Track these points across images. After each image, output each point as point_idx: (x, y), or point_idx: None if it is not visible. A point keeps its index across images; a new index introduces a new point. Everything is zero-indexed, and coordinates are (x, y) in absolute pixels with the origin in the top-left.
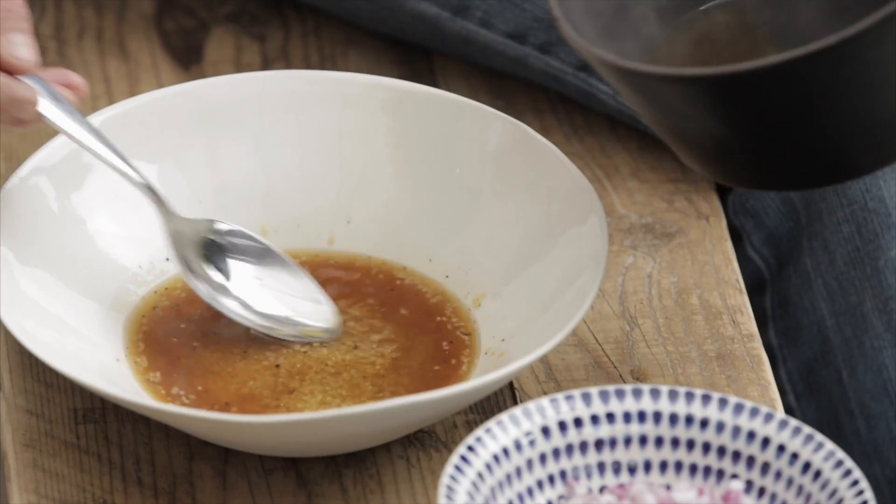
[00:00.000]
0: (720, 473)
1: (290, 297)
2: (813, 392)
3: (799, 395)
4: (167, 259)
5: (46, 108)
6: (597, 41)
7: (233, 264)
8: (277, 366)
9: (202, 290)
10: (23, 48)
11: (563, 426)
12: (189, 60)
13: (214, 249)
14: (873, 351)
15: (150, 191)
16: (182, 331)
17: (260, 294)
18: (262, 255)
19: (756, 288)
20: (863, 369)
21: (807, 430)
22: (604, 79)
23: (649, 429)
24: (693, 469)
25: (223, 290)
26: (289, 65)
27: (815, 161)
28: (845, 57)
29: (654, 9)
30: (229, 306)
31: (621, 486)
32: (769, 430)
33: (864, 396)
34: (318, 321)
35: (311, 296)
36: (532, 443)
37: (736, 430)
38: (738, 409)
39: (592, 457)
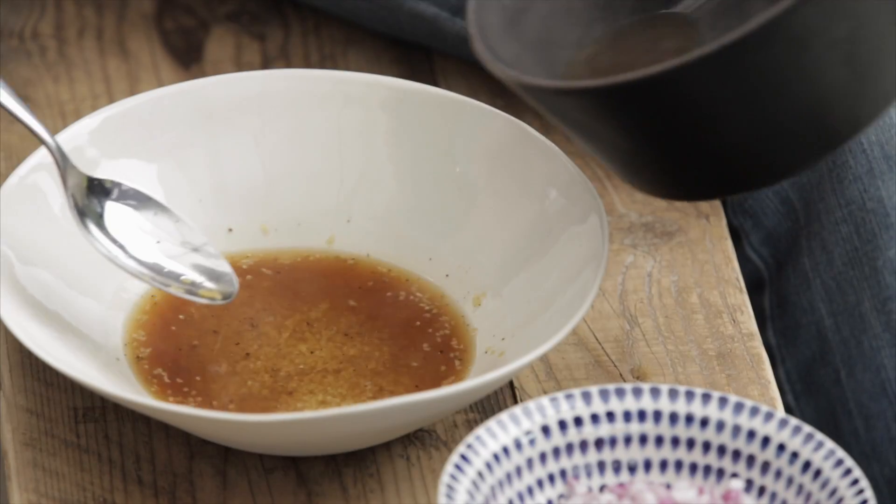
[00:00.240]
0: (720, 472)
1: (190, 256)
2: (811, 392)
3: (797, 394)
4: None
5: None
6: (517, 60)
7: (126, 218)
8: (277, 365)
9: (103, 251)
10: None
11: (563, 425)
12: (189, 59)
13: (116, 203)
14: (872, 351)
15: (55, 152)
16: (182, 330)
17: (153, 246)
18: (154, 209)
19: (754, 288)
20: (861, 369)
21: (807, 429)
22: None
23: (649, 428)
24: (693, 468)
25: (122, 246)
26: (289, 64)
27: (720, 169)
28: (722, 65)
29: (576, 24)
30: (127, 263)
31: (621, 485)
32: (769, 428)
33: (862, 396)
34: (212, 282)
35: (213, 260)
36: (532, 442)
37: (736, 429)
38: (738, 408)
39: (592, 456)
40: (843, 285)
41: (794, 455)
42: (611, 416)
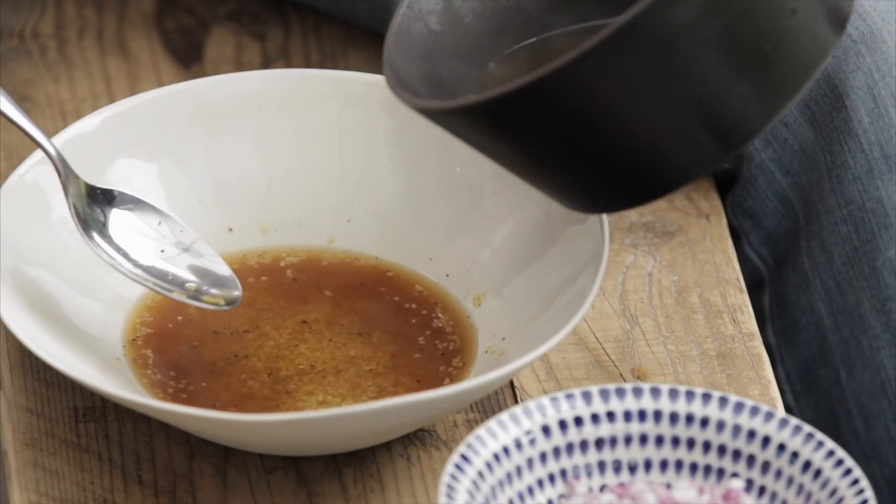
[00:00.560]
0: (720, 472)
1: (194, 263)
2: (811, 392)
3: (797, 394)
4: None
5: None
6: (430, 88)
7: (128, 226)
8: (277, 365)
9: (106, 258)
10: None
11: (563, 425)
12: (189, 59)
13: (104, 205)
14: (871, 351)
15: (59, 162)
16: (182, 330)
17: (157, 255)
18: (156, 216)
19: (754, 288)
20: (861, 369)
21: (807, 428)
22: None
23: (649, 427)
24: (693, 468)
25: (126, 254)
26: (289, 63)
27: (614, 177)
28: (585, 73)
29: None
30: (130, 269)
31: (622, 484)
32: (769, 428)
33: (862, 396)
34: (216, 287)
35: (217, 266)
36: (532, 441)
37: (736, 429)
38: (739, 407)
39: (593, 455)
40: (842, 285)
41: (795, 455)
42: (611, 415)
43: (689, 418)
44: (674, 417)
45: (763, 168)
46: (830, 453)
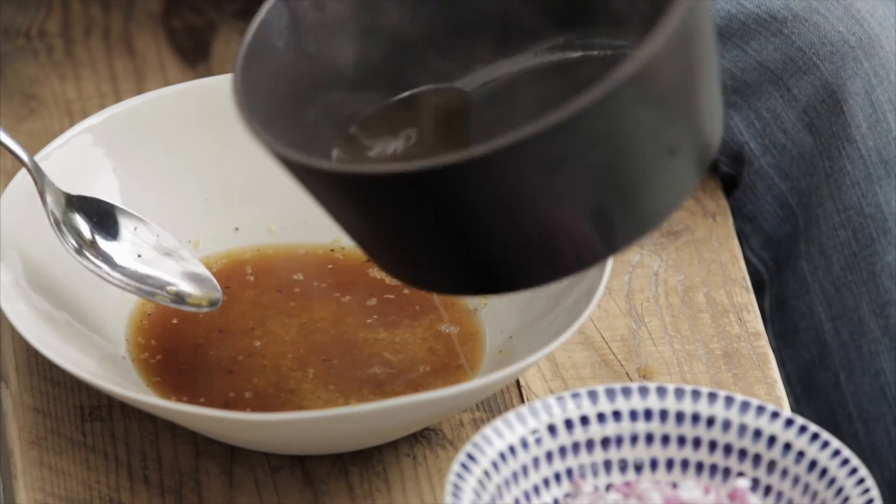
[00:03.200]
0: (726, 471)
1: (173, 265)
2: (811, 395)
3: (797, 397)
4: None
5: None
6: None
7: (107, 232)
8: (284, 364)
9: (88, 266)
10: None
11: (569, 424)
12: (196, 58)
13: (97, 219)
14: (871, 355)
15: (24, 162)
16: (187, 328)
17: (135, 259)
18: (133, 221)
19: (754, 290)
20: (860, 373)
21: (813, 428)
22: None
23: (655, 427)
24: (699, 467)
25: (106, 258)
26: None
27: (459, 270)
28: (471, 175)
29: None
30: (107, 271)
31: (628, 484)
32: (775, 428)
33: (861, 400)
34: (197, 289)
35: (194, 268)
36: (538, 441)
37: (742, 428)
38: (745, 407)
39: (599, 455)
40: (841, 290)
41: (800, 454)
42: (617, 415)
43: (695, 417)
44: (680, 416)
45: (762, 173)
46: (836, 453)
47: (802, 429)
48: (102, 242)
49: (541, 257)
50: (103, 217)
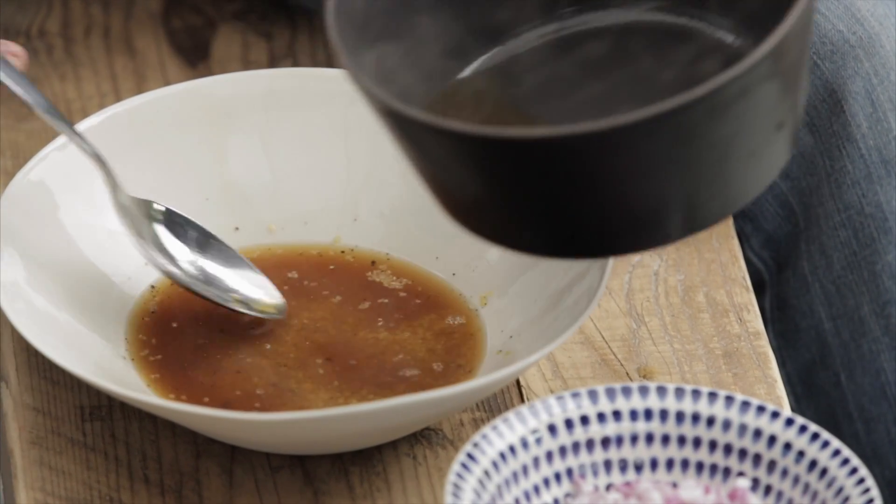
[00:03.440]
0: (726, 471)
1: (236, 274)
2: (811, 395)
3: (798, 397)
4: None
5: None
6: (373, 75)
7: (179, 239)
8: (284, 363)
9: (157, 260)
10: None
11: (569, 424)
12: (196, 58)
13: (163, 224)
14: (871, 354)
15: (99, 161)
16: (188, 328)
17: (209, 265)
18: (204, 237)
19: (754, 290)
20: (861, 373)
21: (813, 427)
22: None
23: (656, 426)
24: (699, 467)
25: (174, 260)
26: (296, 62)
27: (566, 235)
28: (611, 142)
29: (433, 58)
30: (183, 278)
31: (628, 483)
32: (775, 427)
33: (862, 399)
34: (264, 297)
35: (255, 277)
36: (539, 440)
37: (742, 428)
38: (745, 406)
39: (599, 454)
40: (842, 289)
41: (801, 454)
42: (617, 414)
43: (695, 417)
44: (680, 416)
45: None
46: (836, 452)
47: (802, 428)
48: (168, 243)
49: (651, 225)
50: (167, 218)
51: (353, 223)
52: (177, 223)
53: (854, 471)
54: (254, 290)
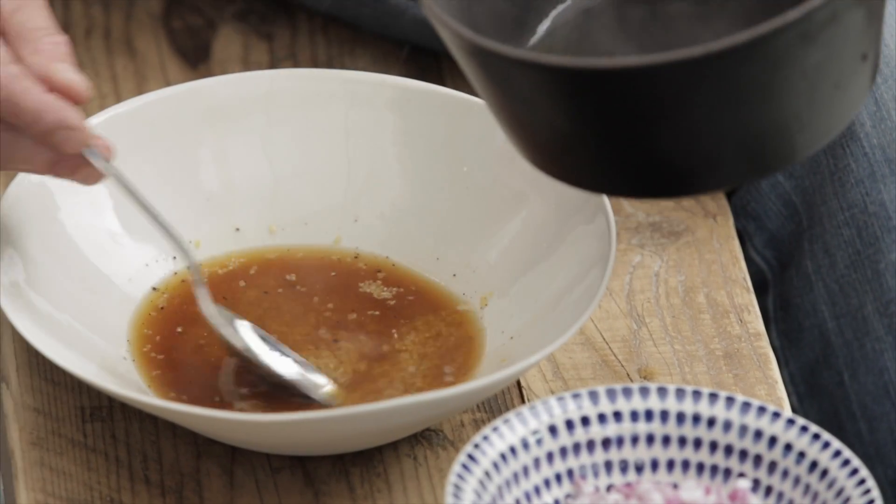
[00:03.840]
0: (727, 472)
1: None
2: (814, 394)
3: (801, 396)
4: (174, 258)
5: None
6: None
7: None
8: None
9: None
10: (75, 74)
11: (570, 425)
12: (197, 59)
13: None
14: (874, 353)
15: (198, 273)
16: (189, 329)
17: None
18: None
19: (758, 290)
20: (864, 372)
21: (814, 428)
22: (452, 55)
23: (656, 427)
24: (700, 468)
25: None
26: (296, 63)
27: (657, 170)
28: (706, 70)
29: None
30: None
31: (628, 484)
32: (776, 428)
33: (865, 398)
34: (326, 388)
35: (309, 369)
36: (539, 441)
37: (743, 429)
38: (745, 407)
39: (600, 455)
40: (845, 288)
41: (801, 455)
42: (618, 415)
43: (696, 418)
44: (680, 417)
45: None
46: (837, 453)
47: (803, 429)
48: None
49: (741, 157)
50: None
51: (353, 224)
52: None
53: (855, 472)
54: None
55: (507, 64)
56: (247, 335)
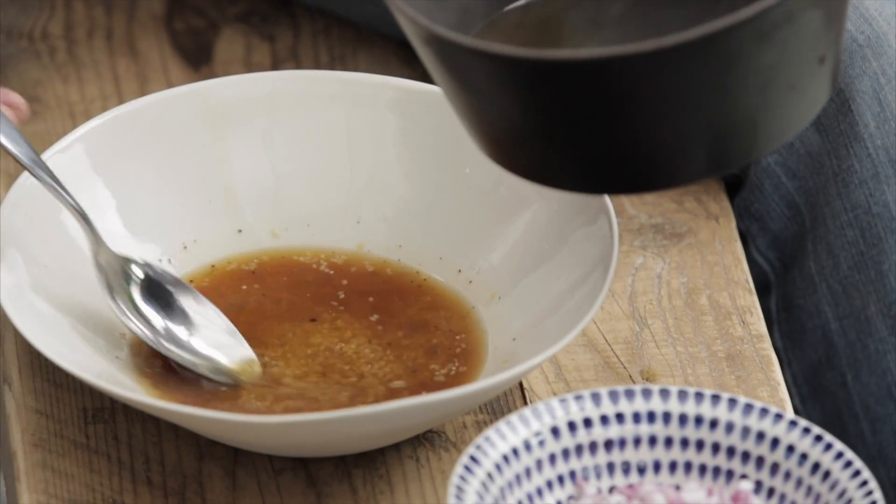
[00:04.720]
0: (729, 474)
1: (212, 334)
2: (818, 395)
3: (804, 397)
4: (170, 260)
5: None
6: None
7: (155, 301)
8: (287, 366)
9: (129, 322)
10: None
11: (572, 426)
12: (199, 60)
13: (139, 286)
14: (878, 354)
15: (84, 219)
16: None
17: (180, 331)
18: (183, 291)
19: (761, 291)
20: (867, 372)
21: (816, 430)
22: (411, 43)
23: (659, 429)
24: (702, 469)
25: (147, 322)
26: (298, 65)
27: (609, 165)
28: (658, 65)
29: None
30: (153, 340)
31: (631, 486)
32: (778, 430)
33: (868, 399)
34: (237, 361)
35: (230, 334)
36: (541, 443)
37: (745, 431)
38: (748, 409)
39: (602, 457)
40: (848, 289)
41: (804, 457)
42: (620, 417)
43: (699, 420)
44: (683, 419)
45: (769, 172)
46: (839, 455)
47: (806, 431)
48: (145, 305)
49: (688, 157)
50: (147, 281)
51: (355, 225)
52: (154, 283)
53: (857, 473)
54: (223, 355)
55: (459, 52)
56: (137, 296)
